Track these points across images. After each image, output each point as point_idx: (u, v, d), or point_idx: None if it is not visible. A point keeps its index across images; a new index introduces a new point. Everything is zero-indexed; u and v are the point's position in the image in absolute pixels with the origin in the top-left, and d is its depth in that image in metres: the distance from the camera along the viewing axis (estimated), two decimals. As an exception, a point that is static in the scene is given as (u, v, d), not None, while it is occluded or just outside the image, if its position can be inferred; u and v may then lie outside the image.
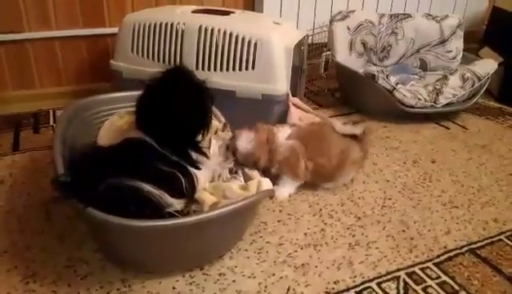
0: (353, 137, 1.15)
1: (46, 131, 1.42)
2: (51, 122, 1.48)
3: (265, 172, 1.07)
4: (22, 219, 0.99)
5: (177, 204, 0.83)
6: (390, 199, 1.13)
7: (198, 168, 0.93)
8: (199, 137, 0.98)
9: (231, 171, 1.04)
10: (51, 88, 1.63)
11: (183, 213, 0.84)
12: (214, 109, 1.17)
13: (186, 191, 0.87)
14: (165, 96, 0.92)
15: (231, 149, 1.09)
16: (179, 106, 0.92)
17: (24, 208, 1.02)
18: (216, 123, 1.14)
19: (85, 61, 1.65)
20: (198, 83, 0.96)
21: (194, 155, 0.94)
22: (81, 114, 1.11)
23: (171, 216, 0.81)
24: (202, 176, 0.94)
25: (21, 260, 0.87)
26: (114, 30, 1.48)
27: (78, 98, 1.15)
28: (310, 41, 1.75)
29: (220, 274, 0.86)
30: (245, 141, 1.08)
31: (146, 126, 0.91)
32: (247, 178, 1.04)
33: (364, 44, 1.78)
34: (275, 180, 1.09)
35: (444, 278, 0.88)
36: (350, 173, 1.16)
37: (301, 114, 1.38)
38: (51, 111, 1.55)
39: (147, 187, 0.79)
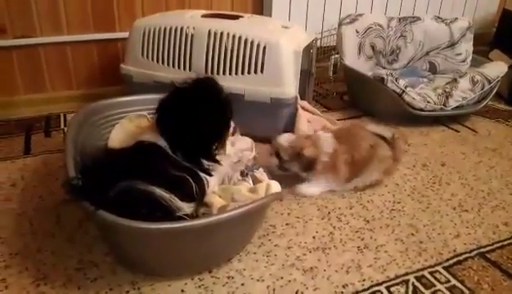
0: (383, 139, 1.17)
1: (57, 134, 1.43)
2: (62, 126, 1.49)
3: (310, 167, 1.09)
4: (34, 221, 1.00)
5: (186, 208, 0.83)
6: (399, 203, 1.12)
7: (209, 175, 0.94)
8: (214, 148, 0.99)
9: (242, 174, 1.05)
10: (62, 92, 1.65)
11: (192, 216, 0.85)
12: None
13: (197, 195, 0.88)
14: (190, 104, 0.93)
15: (273, 150, 1.12)
16: (202, 117, 0.93)
17: (35, 211, 1.04)
18: None
19: (96, 65, 1.67)
20: (223, 97, 0.98)
21: (206, 163, 0.95)
22: (92, 118, 1.12)
23: (180, 219, 0.81)
24: (212, 180, 0.94)
25: (32, 262, 0.88)
26: (125, 35, 1.50)
27: (88, 102, 1.17)
28: (318, 44, 1.75)
29: (229, 277, 0.86)
30: (287, 138, 1.13)
31: (164, 129, 0.92)
32: (256, 181, 1.04)
33: (373, 47, 1.78)
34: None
35: (453, 282, 0.87)
36: (376, 170, 1.15)
37: (309, 117, 1.39)
38: (62, 115, 1.57)
39: (158, 191, 0.80)
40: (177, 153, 0.90)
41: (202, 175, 0.91)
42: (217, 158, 0.97)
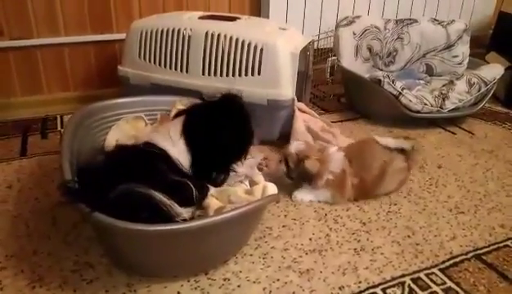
0: (401, 152, 1.14)
1: (53, 136, 1.43)
2: (59, 128, 1.49)
3: (309, 179, 1.09)
4: (29, 223, 1.00)
5: (185, 213, 0.83)
6: (396, 205, 1.12)
7: (216, 185, 0.95)
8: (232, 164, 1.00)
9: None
10: (59, 94, 1.65)
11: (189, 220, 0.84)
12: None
13: (196, 200, 0.88)
14: (221, 121, 0.96)
15: (282, 157, 1.12)
16: (230, 135, 0.96)
17: (31, 213, 1.03)
18: None
19: (93, 67, 1.67)
20: (248, 117, 1.00)
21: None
22: (88, 119, 1.12)
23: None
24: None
25: (28, 264, 0.88)
26: (122, 36, 1.50)
27: (85, 103, 1.17)
28: (316, 46, 1.75)
29: (225, 279, 0.86)
30: (296, 145, 1.12)
31: (192, 139, 0.93)
32: (252, 183, 1.04)
33: (370, 49, 1.79)
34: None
35: (449, 283, 0.87)
36: (390, 184, 1.14)
37: (306, 118, 1.39)
38: (58, 116, 1.57)
39: (159, 196, 0.80)
40: (192, 165, 0.92)
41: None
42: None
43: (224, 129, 0.95)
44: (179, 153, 0.92)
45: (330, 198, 1.11)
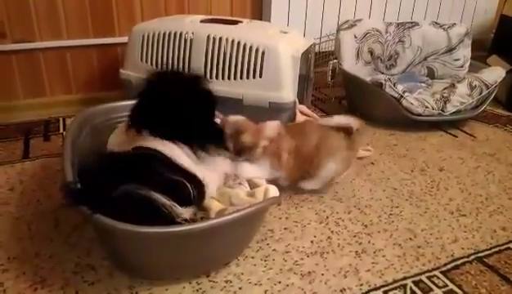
0: (346, 132, 1.13)
1: (56, 138, 1.44)
2: (61, 130, 1.50)
3: (243, 153, 1.06)
4: (31, 226, 1.00)
5: (185, 213, 0.83)
6: (397, 207, 1.12)
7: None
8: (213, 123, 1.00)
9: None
10: (61, 96, 1.65)
11: (190, 221, 0.84)
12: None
13: (194, 198, 0.88)
14: (162, 95, 0.94)
15: (222, 124, 1.08)
16: (178, 96, 0.94)
17: (33, 215, 1.04)
18: None
19: (95, 70, 1.68)
20: (189, 77, 0.99)
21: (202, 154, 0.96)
22: (91, 122, 1.12)
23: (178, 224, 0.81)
24: (212, 182, 0.94)
25: (30, 266, 0.88)
26: (124, 40, 1.51)
27: (88, 106, 1.17)
28: (317, 49, 1.76)
29: (227, 281, 0.86)
30: (238, 117, 1.09)
31: (153, 128, 0.92)
32: (253, 185, 1.04)
33: (371, 52, 1.79)
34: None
35: (451, 286, 0.87)
36: (331, 162, 1.11)
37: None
38: (61, 119, 1.57)
39: (160, 197, 0.80)
40: (192, 144, 0.91)
41: (200, 177, 0.91)
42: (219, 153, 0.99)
43: (168, 101, 0.93)
44: (170, 149, 0.91)
45: (269, 168, 1.08)
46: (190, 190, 0.86)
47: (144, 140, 0.92)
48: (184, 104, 0.94)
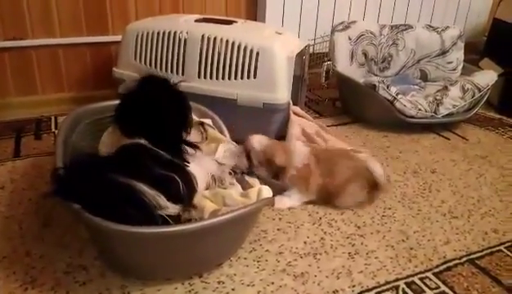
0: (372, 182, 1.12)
1: (47, 137, 1.42)
2: (53, 129, 1.48)
3: (277, 177, 1.08)
4: (22, 225, 0.99)
5: (172, 208, 0.81)
6: (390, 209, 1.13)
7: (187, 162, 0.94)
8: (185, 133, 0.99)
9: (233, 173, 1.05)
10: (53, 95, 1.64)
11: (177, 219, 0.83)
12: (216, 118, 1.19)
13: (183, 194, 0.86)
14: (146, 100, 0.95)
15: (245, 152, 1.09)
16: (160, 105, 0.95)
17: (24, 214, 1.03)
18: (219, 135, 1.15)
19: (88, 68, 1.67)
20: (172, 87, 1.00)
21: (186, 149, 0.96)
22: (83, 121, 1.11)
23: (163, 220, 0.79)
24: (200, 179, 0.94)
25: (20, 266, 0.87)
26: (118, 38, 1.50)
27: (80, 104, 1.16)
28: (311, 50, 1.76)
29: (219, 282, 0.86)
30: (260, 140, 1.10)
31: (134, 132, 0.92)
32: (247, 186, 1.04)
33: (365, 54, 1.80)
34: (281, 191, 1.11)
35: (443, 288, 0.87)
36: (349, 199, 1.11)
37: (301, 122, 1.39)
38: (52, 117, 1.56)
39: (140, 185, 0.78)
40: (158, 147, 0.90)
41: (190, 171, 0.90)
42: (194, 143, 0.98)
43: (150, 106, 0.94)
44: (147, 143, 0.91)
45: (302, 194, 1.10)
46: (179, 185, 0.85)
47: (130, 139, 0.92)
48: (157, 107, 0.95)
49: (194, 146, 0.98)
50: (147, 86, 0.98)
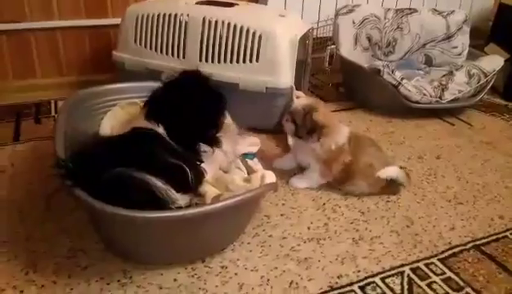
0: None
1: (47, 121, 1.41)
2: (53, 113, 1.46)
3: (314, 131, 1.06)
4: (23, 209, 0.98)
5: (181, 200, 0.81)
6: (394, 194, 1.11)
7: (201, 161, 0.92)
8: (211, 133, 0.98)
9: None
10: (52, 78, 1.62)
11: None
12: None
13: (192, 184, 0.86)
14: (182, 93, 0.94)
15: (289, 117, 1.09)
16: (194, 103, 0.93)
17: (24, 198, 1.01)
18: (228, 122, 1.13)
19: (87, 52, 1.64)
20: (212, 85, 0.99)
21: (203, 148, 0.94)
22: (83, 105, 1.10)
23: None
24: (209, 169, 0.93)
25: (22, 250, 0.86)
26: (117, 21, 1.47)
27: (79, 88, 1.14)
28: (314, 34, 1.73)
29: (222, 267, 0.85)
30: (302, 100, 1.13)
31: (160, 118, 0.91)
32: (250, 171, 1.03)
33: (369, 38, 1.76)
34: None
35: (449, 274, 0.86)
36: (361, 183, 1.09)
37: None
38: (52, 101, 1.54)
39: (155, 181, 0.78)
40: (174, 139, 0.89)
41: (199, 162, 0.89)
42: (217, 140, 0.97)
43: (186, 99, 0.93)
44: (162, 132, 0.90)
45: (319, 176, 1.10)
46: (188, 175, 0.85)
47: (145, 123, 0.91)
48: (195, 115, 0.94)
49: (213, 142, 0.96)
50: (188, 81, 0.97)
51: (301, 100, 1.14)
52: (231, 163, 1.04)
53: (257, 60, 1.29)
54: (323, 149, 1.07)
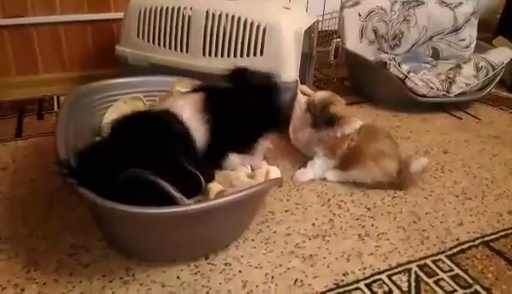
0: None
1: (50, 117, 1.40)
2: (56, 109, 1.45)
3: (331, 123, 1.09)
4: (24, 206, 0.97)
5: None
6: (401, 190, 1.09)
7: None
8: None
9: None
10: (55, 74, 1.61)
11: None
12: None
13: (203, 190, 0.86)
14: (253, 98, 0.94)
15: (307, 107, 1.14)
16: (260, 114, 0.94)
17: (26, 195, 1.01)
18: None
19: (90, 47, 1.63)
20: (271, 95, 0.99)
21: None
22: (85, 100, 1.09)
23: None
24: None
25: (23, 247, 0.85)
26: (120, 15, 1.46)
27: (82, 84, 1.13)
28: (319, 28, 1.70)
29: (226, 264, 0.83)
30: (320, 93, 1.16)
31: (216, 113, 0.91)
32: (256, 168, 1.01)
33: (375, 31, 1.74)
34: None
35: (457, 271, 0.85)
36: (366, 172, 1.07)
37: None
38: (55, 97, 1.53)
39: (168, 188, 0.77)
40: (212, 139, 0.89)
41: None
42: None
43: (253, 108, 0.93)
44: (195, 128, 0.89)
45: (327, 160, 1.12)
46: (202, 185, 0.85)
47: (176, 108, 0.90)
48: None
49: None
50: (258, 87, 0.97)
51: (319, 93, 1.17)
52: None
53: (261, 54, 1.27)
54: (329, 136, 1.10)
